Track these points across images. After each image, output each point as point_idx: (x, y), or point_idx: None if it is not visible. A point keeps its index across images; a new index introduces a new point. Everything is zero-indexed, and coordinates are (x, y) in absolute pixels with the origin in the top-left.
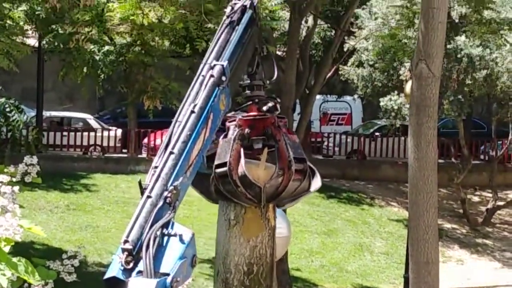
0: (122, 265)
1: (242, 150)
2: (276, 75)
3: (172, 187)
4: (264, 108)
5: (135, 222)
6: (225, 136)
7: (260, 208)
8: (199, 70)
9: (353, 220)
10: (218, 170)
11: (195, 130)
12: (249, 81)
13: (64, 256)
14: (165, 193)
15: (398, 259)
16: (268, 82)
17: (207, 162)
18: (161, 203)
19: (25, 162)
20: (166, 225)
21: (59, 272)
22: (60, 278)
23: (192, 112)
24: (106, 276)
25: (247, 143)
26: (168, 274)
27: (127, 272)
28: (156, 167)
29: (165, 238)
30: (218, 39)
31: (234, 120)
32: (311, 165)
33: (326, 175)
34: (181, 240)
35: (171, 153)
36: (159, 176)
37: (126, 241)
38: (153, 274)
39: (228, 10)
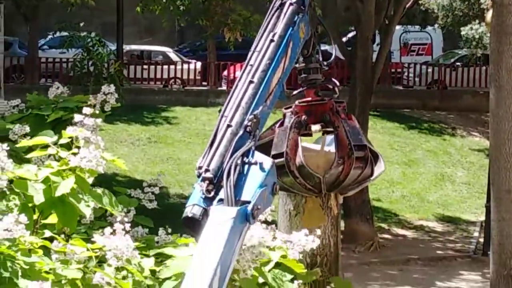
0: (203, 194)
1: (299, 138)
2: (334, 56)
3: (252, 116)
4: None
5: (215, 151)
6: (281, 124)
7: (321, 197)
8: (259, 35)
9: (434, 150)
10: (275, 161)
11: (274, 58)
12: (305, 64)
13: (144, 184)
14: (246, 122)
15: (479, 188)
16: (325, 63)
17: (261, 151)
18: (241, 132)
19: (103, 91)
20: (246, 154)
21: (140, 200)
22: (142, 206)
23: (272, 40)
24: (188, 204)
25: (305, 130)
26: (249, 202)
27: (208, 200)
28: (234, 96)
29: (246, 167)
30: (267, 24)
31: (290, 107)
32: (374, 149)
33: (406, 106)
34: (262, 168)
35: (250, 82)
36: (239, 105)
37: (206, 170)
38: (234, 202)
39: None
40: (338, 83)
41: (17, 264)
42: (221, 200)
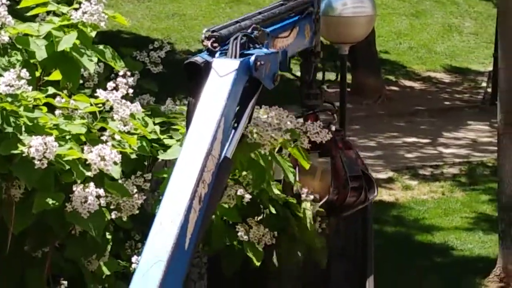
0: (207, 50)
1: (297, 164)
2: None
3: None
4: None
5: (223, 28)
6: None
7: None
8: None
9: (442, 0)
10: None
11: (283, 16)
12: (306, 89)
13: (150, 47)
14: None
15: (487, 38)
16: (326, 87)
17: None
18: (249, 30)
19: None
20: (252, 42)
21: (145, 64)
22: (147, 69)
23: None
24: (190, 59)
25: None
26: (252, 55)
27: (212, 54)
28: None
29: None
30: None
31: None
32: (368, 173)
33: None
34: (267, 49)
35: (259, 13)
36: (246, 17)
37: (213, 31)
38: (238, 56)
39: None
40: (337, 110)
41: (21, 120)
42: (223, 53)
